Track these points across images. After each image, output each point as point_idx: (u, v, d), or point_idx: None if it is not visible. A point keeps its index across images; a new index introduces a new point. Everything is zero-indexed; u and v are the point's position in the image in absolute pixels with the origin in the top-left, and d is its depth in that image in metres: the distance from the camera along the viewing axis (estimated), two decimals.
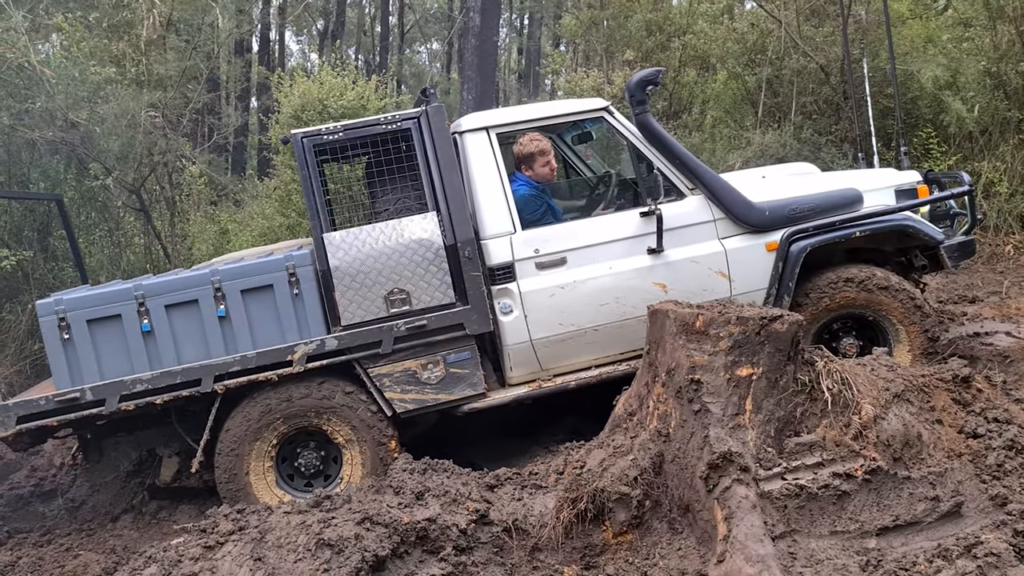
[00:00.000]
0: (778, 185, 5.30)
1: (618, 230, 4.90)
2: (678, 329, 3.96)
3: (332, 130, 4.69)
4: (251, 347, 4.51)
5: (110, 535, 4.83)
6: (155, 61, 7.06)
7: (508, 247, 4.78)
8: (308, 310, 4.56)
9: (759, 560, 3.35)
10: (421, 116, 4.71)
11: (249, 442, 4.57)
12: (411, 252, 4.61)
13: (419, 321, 4.61)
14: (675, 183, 4.94)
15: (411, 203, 4.80)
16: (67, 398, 4.38)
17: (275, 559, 3.35)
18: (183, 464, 4.85)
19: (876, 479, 3.65)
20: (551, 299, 4.79)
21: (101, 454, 4.81)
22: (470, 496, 3.86)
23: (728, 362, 3.82)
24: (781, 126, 9.26)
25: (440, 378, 4.69)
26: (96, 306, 4.42)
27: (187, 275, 4.57)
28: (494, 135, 4.88)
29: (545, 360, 4.87)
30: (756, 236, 4.95)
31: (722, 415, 3.77)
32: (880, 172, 5.57)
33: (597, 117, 5.06)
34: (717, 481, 3.61)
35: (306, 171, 4.63)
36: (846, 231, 4.94)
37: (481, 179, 4.82)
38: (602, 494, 3.79)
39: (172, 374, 4.44)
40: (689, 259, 4.90)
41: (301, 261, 4.54)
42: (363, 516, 3.55)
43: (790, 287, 4.89)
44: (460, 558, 3.56)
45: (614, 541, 3.81)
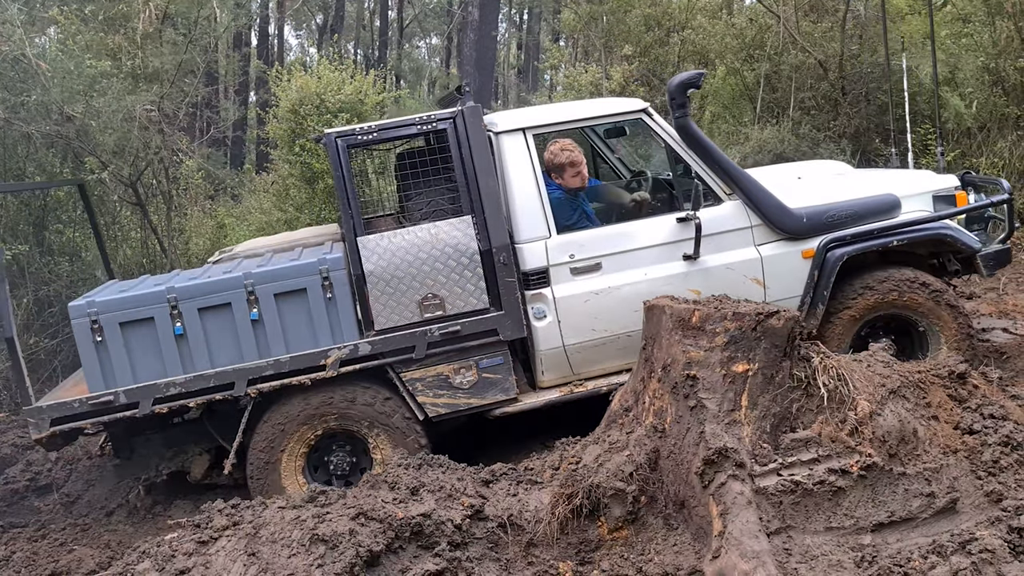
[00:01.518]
0: (815, 188, 5.22)
1: (654, 236, 4.84)
2: (674, 325, 3.95)
3: (366, 130, 4.62)
4: (284, 351, 4.49)
5: (105, 530, 4.83)
6: (151, 55, 7.03)
7: (543, 252, 4.74)
8: (341, 314, 4.53)
9: (754, 556, 3.35)
10: (457, 116, 4.61)
11: (281, 444, 4.56)
12: (446, 257, 4.57)
13: (453, 327, 4.58)
14: (713, 188, 4.87)
15: (444, 204, 4.72)
16: (101, 401, 4.37)
17: (269, 554, 3.34)
18: (213, 461, 4.85)
19: (871, 475, 3.65)
20: (585, 304, 4.75)
21: (132, 451, 4.79)
22: (465, 491, 3.85)
23: (724, 358, 3.81)
24: (779, 121, 9.25)
25: (472, 383, 4.68)
26: (129, 308, 4.39)
27: (220, 278, 4.52)
28: (531, 136, 4.80)
29: (577, 365, 4.85)
30: (792, 243, 4.90)
31: (718, 411, 3.76)
32: (917, 175, 5.48)
33: (636, 119, 4.96)
34: (712, 477, 3.61)
35: (339, 171, 4.57)
36: (884, 240, 4.90)
37: (517, 182, 4.75)
38: (598, 490, 3.79)
39: (205, 377, 4.43)
40: (724, 265, 4.85)
41: (335, 265, 4.50)
42: (357, 511, 3.54)
43: (824, 295, 4.85)
44: (455, 553, 3.55)
45: (609, 537, 3.80)
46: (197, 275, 4.71)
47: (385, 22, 23.94)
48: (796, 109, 9.25)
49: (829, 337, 4.89)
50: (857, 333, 4.96)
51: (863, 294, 4.88)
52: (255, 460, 4.57)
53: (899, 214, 4.99)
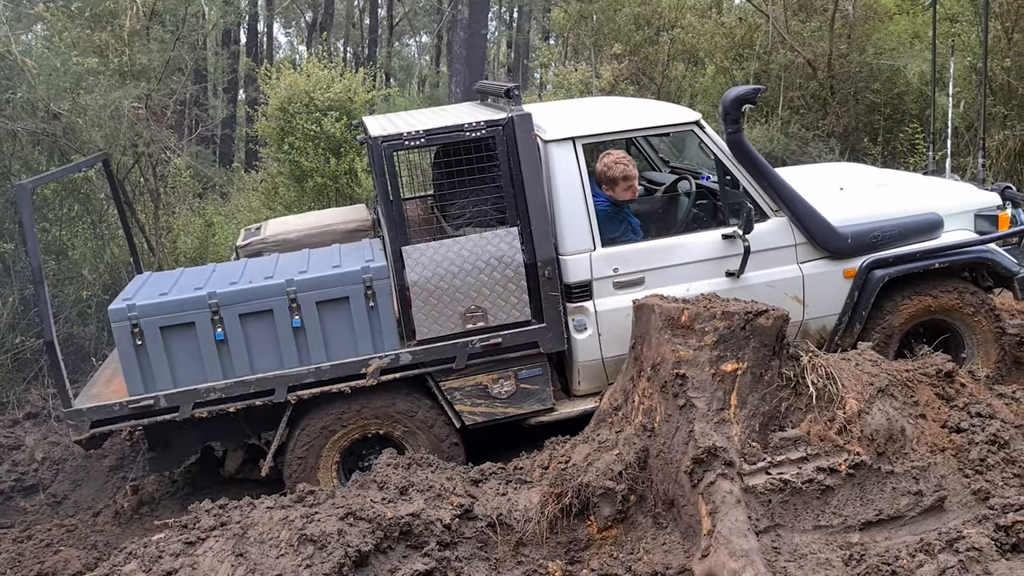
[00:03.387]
0: (859, 203, 5.18)
1: (699, 252, 4.79)
2: (663, 324, 3.95)
3: (414, 135, 4.49)
4: (325, 358, 4.46)
5: (91, 531, 4.79)
6: (139, 52, 6.98)
7: (587, 265, 4.68)
8: (383, 323, 4.49)
9: (743, 555, 3.36)
10: (506, 124, 4.48)
11: (319, 448, 4.55)
12: (491, 269, 4.51)
13: (494, 339, 4.54)
14: (760, 204, 4.81)
15: (489, 213, 4.63)
16: (141, 404, 4.34)
17: (257, 554, 3.33)
18: (248, 457, 4.86)
19: (860, 474, 3.67)
20: (627, 319, 4.59)
21: (168, 445, 4.75)
22: (454, 491, 3.84)
23: (713, 357, 3.82)
24: (769, 120, 9.27)
25: (510, 393, 4.66)
26: (170, 313, 4.35)
27: (263, 285, 4.46)
28: (580, 146, 4.69)
29: (613, 375, 4.79)
30: (835, 262, 4.89)
31: (707, 410, 3.77)
32: (961, 191, 5.41)
33: (687, 130, 4.89)
34: (702, 476, 3.62)
35: (384, 178, 4.48)
36: (926, 262, 4.90)
37: (564, 192, 4.66)
38: (587, 489, 3.79)
39: (246, 383, 4.40)
40: (766, 283, 4.81)
41: (379, 274, 4.45)
42: (346, 511, 3.53)
43: (863, 315, 4.87)
44: (444, 553, 3.55)
45: (599, 536, 3.80)
46: (235, 272, 4.67)
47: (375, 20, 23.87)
48: (785, 108, 9.28)
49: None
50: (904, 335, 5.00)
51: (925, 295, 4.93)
52: (293, 462, 4.55)
53: (941, 233, 5.00)
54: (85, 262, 7.21)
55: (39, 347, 6.37)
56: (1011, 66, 8.17)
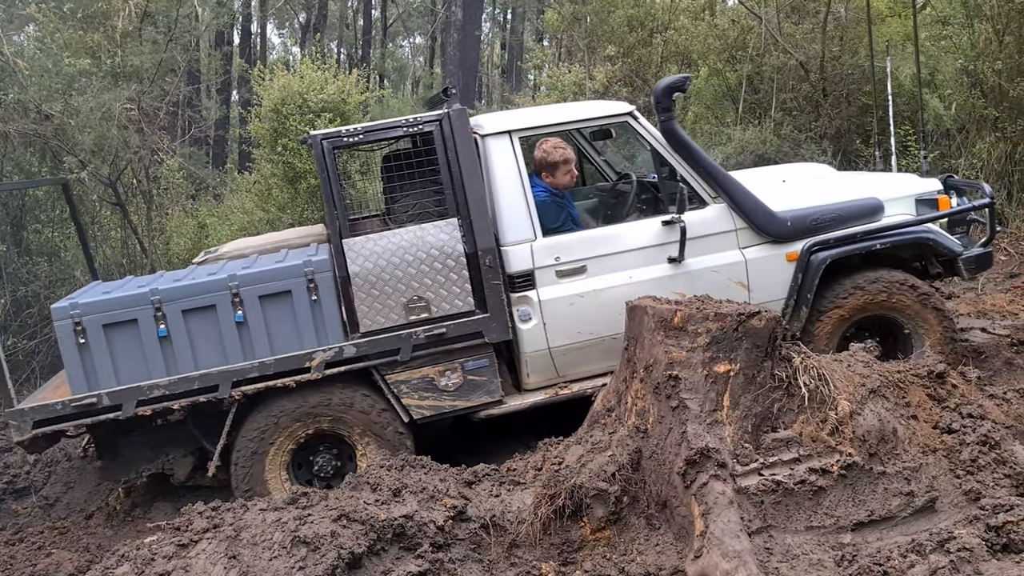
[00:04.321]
0: (799, 192, 5.25)
1: (639, 239, 4.86)
2: (656, 325, 3.96)
3: (352, 132, 4.60)
4: (269, 353, 4.47)
5: (84, 533, 4.78)
6: (131, 53, 6.96)
7: (529, 254, 4.74)
8: (326, 316, 4.51)
9: (735, 556, 3.36)
10: (443, 119, 4.60)
11: (266, 447, 4.54)
12: (431, 260, 4.56)
13: (438, 329, 4.57)
14: (698, 191, 4.89)
15: (432, 209, 4.71)
16: (84, 403, 4.33)
17: (250, 557, 3.32)
18: (198, 463, 4.81)
19: (852, 474, 3.67)
20: (570, 307, 4.76)
21: (115, 452, 4.75)
22: (447, 492, 3.84)
23: (706, 358, 3.82)
24: (761, 122, 9.29)
25: (458, 385, 4.67)
26: (112, 310, 4.36)
27: (205, 280, 4.50)
28: (517, 139, 4.79)
29: (562, 367, 4.85)
30: (777, 246, 4.93)
31: (700, 411, 3.77)
32: (901, 179, 5.53)
33: (622, 122, 4.97)
34: (695, 477, 3.62)
35: (325, 173, 4.55)
36: (867, 243, 4.94)
37: (503, 184, 4.75)
38: (580, 490, 3.79)
39: (189, 380, 4.41)
40: (709, 268, 4.87)
41: (320, 267, 4.49)
42: (339, 513, 3.53)
43: (808, 298, 4.89)
44: (437, 555, 3.54)
45: (592, 537, 3.80)
46: (182, 277, 4.68)
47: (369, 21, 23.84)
48: (778, 110, 9.30)
49: (817, 337, 4.93)
50: (844, 334, 4.99)
51: (852, 294, 4.91)
52: (240, 461, 4.54)
53: (882, 217, 5.03)
54: (77, 264, 7.19)
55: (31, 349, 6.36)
56: (1002, 68, 8.20)
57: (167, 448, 4.80)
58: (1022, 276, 7.48)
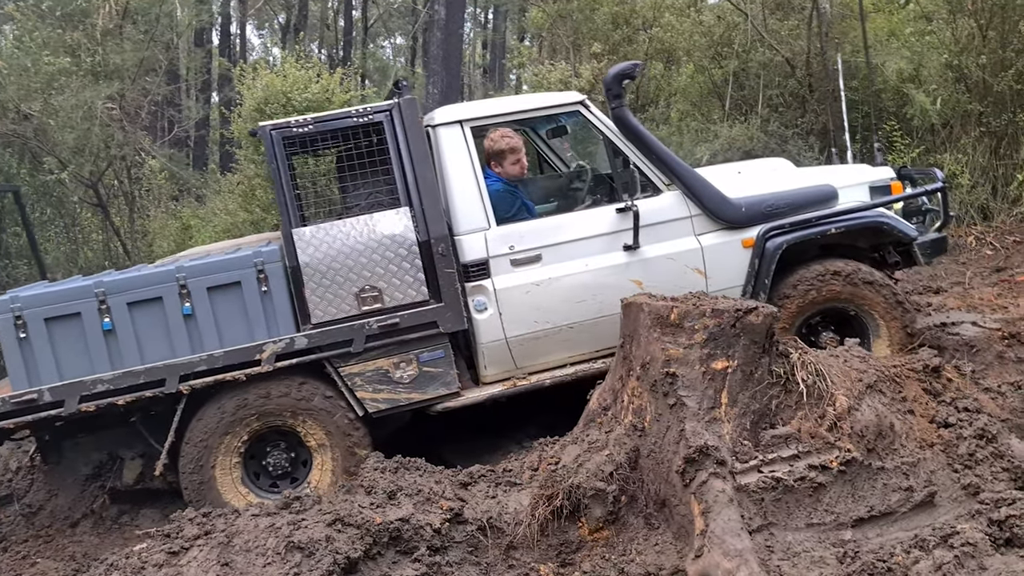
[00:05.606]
0: (754, 181, 5.27)
1: (594, 226, 4.84)
2: (652, 322, 3.91)
3: (302, 122, 4.57)
4: (218, 346, 4.38)
5: (69, 541, 4.66)
6: (111, 51, 6.84)
7: (483, 243, 4.70)
8: (277, 308, 4.44)
9: (737, 554, 3.32)
10: (393, 108, 4.60)
11: (215, 443, 4.42)
12: (383, 248, 4.51)
13: (391, 319, 4.51)
14: (651, 178, 4.89)
15: (383, 198, 4.68)
16: (24, 399, 4.21)
17: (243, 563, 3.25)
18: (146, 466, 4.67)
19: (851, 470, 3.64)
20: (526, 296, 4.72)
21: (60, 456, 4.64)
22: (443, 495, 3.79)
23: (703, 355, 3.78)
24: (748, 119, 9.29)
25: (413, 377, 4.59)
26: (54, 304, 4.25)
27: (150, 271, 4.42)
28: (468, 129, 4.78)
29: (520, 358, 4.81)
30: (732, 232, 4.92)
31: (698, 408, 3.73)
32: (854, 168, 5.57)
33: (573, 111, 4.99)
34: (694, 475, 3.58)
35: (275, 164, 4.51)
36: (822, 228, 4.94)
37: (455, 174, 4.72)
38: (578, 490, 3.74)
39: (135, 374, 4.29)
40: (665, 256, 4.86)
41: (270, 257, 4.42)
42: (334, 517, 3.46)
43: (766, 283, 4.88)
44: (434, 558, 3.49)
45: (590, 538, 3.76)
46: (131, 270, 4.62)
47: (349, 22, 23.70)
48: (764, 106, 9.30)
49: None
50: (799, 328, 4.99)
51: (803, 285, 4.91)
52: (188, 460, 4.41)
53: (837, 204, 5.06)
54: (59, 266, 7.07)
55: None
56: (986, 63, 8.23)
57: (114, 450, 4.69)
58: (1009, 270, 7.51)
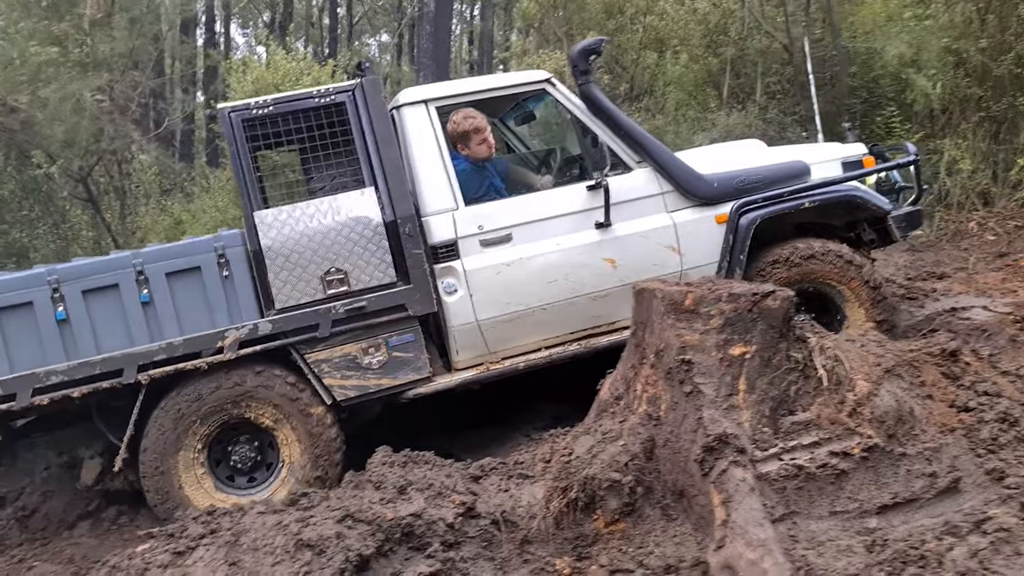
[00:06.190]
0: (725, 158, 5.22)
1: (564, 205, 4.77)
2: (666, 308, 3.81)
3: (262, 104, 4.44)
4: (178, 334, 4.24)
5: (67, 544, 4.52)
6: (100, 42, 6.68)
7: (451, 224, 4.62)
8: (239, 293, 4.33)
9: (760, 544, 3.22)
10: (356, 89, 4.51)
11: (177, 437, 4.27)
12: (348, 230, 4.41)
13: (358, 302, 4.41)
14: (621, 156, 4.83)
15: (348, 180, 4.59)
16: None
17: (251, 563, 3.13)
18: (106, 465, 4.50)
19: (873, 457, 3.55)
20: (497, 277, 4.63)
21: (14, 457, 4.50)
22: (455, 489, 3.67)
23: (720, 341, 3.68)
24: (745, 107, 9.20)
25: (382, 363, 4.48)
26: (4, 293, 4.11)
27: (106, 258, 4.31)
28: (433, 108, 4.71)
29: (492, 342, 4.70)
30: (705, 209, 4.88)
31: (715, 396, 3.63)
32: (826, 145, 5.56)
33: (539, 90, 4.92)
34: (713, 464, 3.47)
35: (235, 146, 4.39)
36: (796, 202, 4.90)
37: (420, 154, 4.65)
38: (592, 482, 3.63)
39: (91, 364, 4.14)
40: (638, 233, 4.80)
41: (231, 241, 4.33)
42: (344, 514, 3.35)
43: (741, 260, 4.82)
44: (448, 554, 3.38)
45: (606, 530, 3.65)
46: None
47: (335, 20, 23.58)
48: (763, 94, 9.22)
49: None
50: None
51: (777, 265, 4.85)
52: (148, 457, 4.25)
53: (809, 180, 5.01)
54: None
55: None
56: (986, 47, 8.18)
57: (72, 449, 4.56)
58: (1012, 255, 7.46)
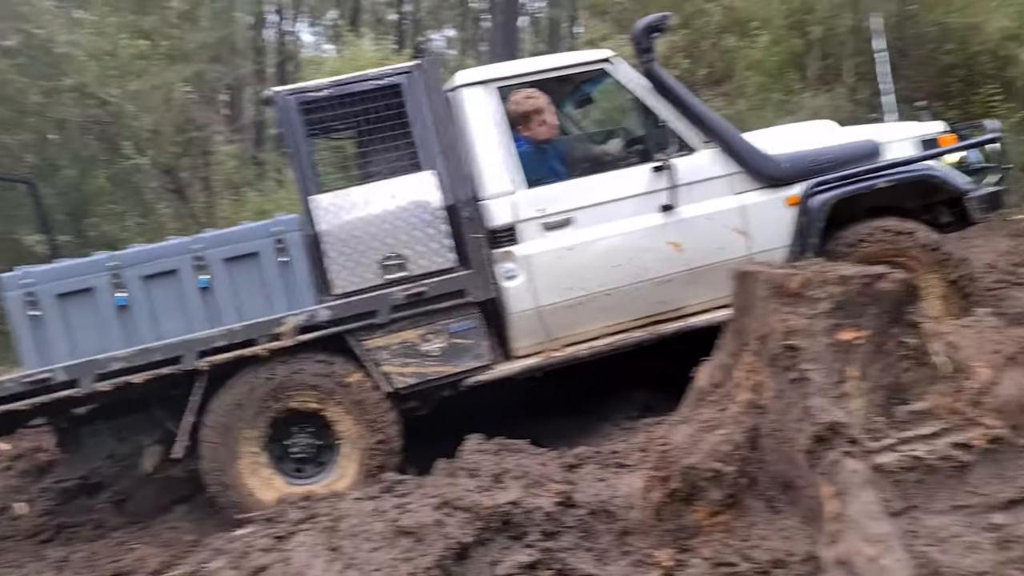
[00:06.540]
0: (795, 138, 5.04)
1: (628, 187, 4.66)
2: (770, 292, 3.65)
3: (318, 86, 4.40)
4: (236, 320, 4.25)
5: (164, 528, 4.61)
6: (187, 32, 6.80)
7: (511, 207, 4.54)
8: (297, 279, 4.32)
9: (879, 540, 3.04)
10: (415, 69, 4.44)
11: (237, 424, 4.27)
12: (407, 214, 4.36)
13: (417, 288, 4.35)
14: (687, 137, 4.69)
15: (405, 163, 4.53)
16: (36, 379, 4.09)
17: (351, 548, 3.11)
18: (166, 453, 4.55)
19: (996, 449, 3.35)
20: (558, 262, 4.54)
21: (79, 444, 4.54)
22: (552, 477, 3.59)
23: (829, 325, 3.50)
24: (833, 89, 8.86)
25: (442, 350, 4.42)
26: (66, 279, 4.16)
27: (165, 243, 4.34)
28: (493, 89, 4.62)
29: (553, 329, 4.61)
30: (775, 190, 4.72)
31: (824, 383, 3.45)
32: (901, 124, 5.35)
33: (599, 70, 4.81)
34: (823, 455, 3.29)
35: (290, 130, 4.35)
36: (870, 182, 4.69)
37: (479, 135, 4.57)
38: (693, 472, 3.50)
39: (151, 351, 4.17)
40: (704, 216, 4.66)
41: (289, 226, 4.32)
42: (441, 501, 3.30)
43: (814, 243, 4.64)
44: (547, 543, 3.29)
45: (708, 522, 3.51)
46: None
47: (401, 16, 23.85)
48: (851, 74, 8.86)
49: None
50: None
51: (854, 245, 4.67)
52: (209, 444, 4.25)
53: (881, 160, 4.82)
54: None
55: None
56: None
57: (133, 437, 4.60)
58: None
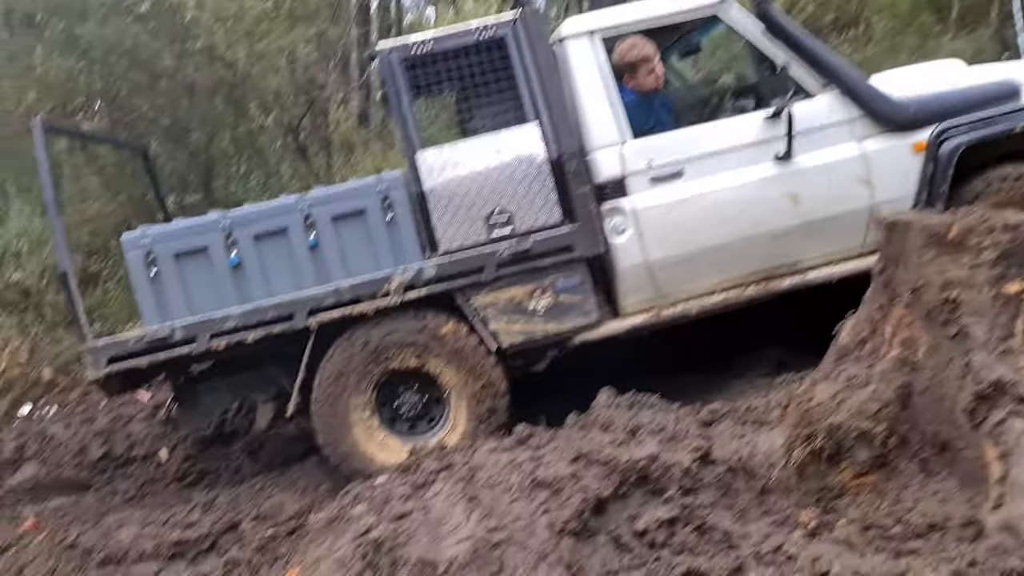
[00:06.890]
0: (921, 80, 4.68)
1: (741, 136, 4.43)
2: (926, 241, 3.40)
3: (421, 42, 4.35)
4: (344, 278, 4.29)
5: (298, 475, 4.77)
6: None
7: (618, 159, 4.39)
8: (404, 236, 4.32)
9: None
10: (518, 21, 4.33)
11: (346, 381, 4.32)
12: (511, 169, 4.28)
13: (523, 244, 4.28)
14: (804, 80, 4.41)
15: (510, 117, 4.46)
16: (157, 337, 4.25)
17: (489, 499, 3.09)
18: (280, 410, 4.69)
19: None
20: (668, 216, 4.37)
21: (196, 401, 4.70)
22: (688, 433, 3.50)
23: (993, 276, 3.23)
24: (975, 29, 8.22)
25: (549, 307, 4.34)
26: (183, 239, 4.28)
27: (275, 203, 4.40)
28: (598, 39, 4.45)
29: (663, 285, 4.45)
30: (900, 136, 4.40)
31: (987, 338, 3.20)
32: None
33: (711, 16, 4.56)
34: (987, 415, 3.07)
35: (394, 87, 4.32)
36: (1005, 125, 4.29)
37: (586, 86, 4.43)
38: (839, 430, 3.33)
39: (263, 310, 4.26)
40: (823, 165, 4.40)
41: (394, 184, 4.31)
42: (576, 453, 3.25)
43: (943, 192, 4.31)
44: (686, 499, 3.21)
45: (854, 483, 3.35)
46: None
47: None
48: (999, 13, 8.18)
49: None
50: None
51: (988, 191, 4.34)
52: (320, 401, 4.31)
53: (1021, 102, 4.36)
54: None
55: None
56: None
57: (247, 394, 4.72)
58: None
